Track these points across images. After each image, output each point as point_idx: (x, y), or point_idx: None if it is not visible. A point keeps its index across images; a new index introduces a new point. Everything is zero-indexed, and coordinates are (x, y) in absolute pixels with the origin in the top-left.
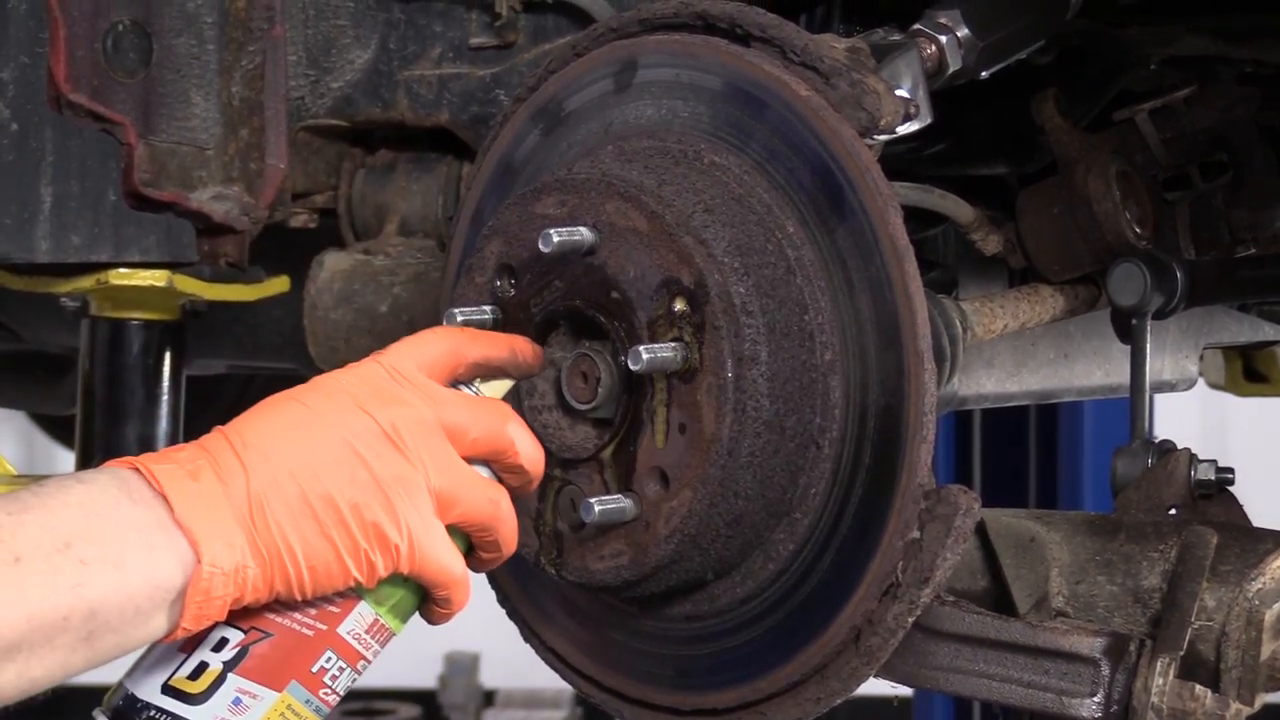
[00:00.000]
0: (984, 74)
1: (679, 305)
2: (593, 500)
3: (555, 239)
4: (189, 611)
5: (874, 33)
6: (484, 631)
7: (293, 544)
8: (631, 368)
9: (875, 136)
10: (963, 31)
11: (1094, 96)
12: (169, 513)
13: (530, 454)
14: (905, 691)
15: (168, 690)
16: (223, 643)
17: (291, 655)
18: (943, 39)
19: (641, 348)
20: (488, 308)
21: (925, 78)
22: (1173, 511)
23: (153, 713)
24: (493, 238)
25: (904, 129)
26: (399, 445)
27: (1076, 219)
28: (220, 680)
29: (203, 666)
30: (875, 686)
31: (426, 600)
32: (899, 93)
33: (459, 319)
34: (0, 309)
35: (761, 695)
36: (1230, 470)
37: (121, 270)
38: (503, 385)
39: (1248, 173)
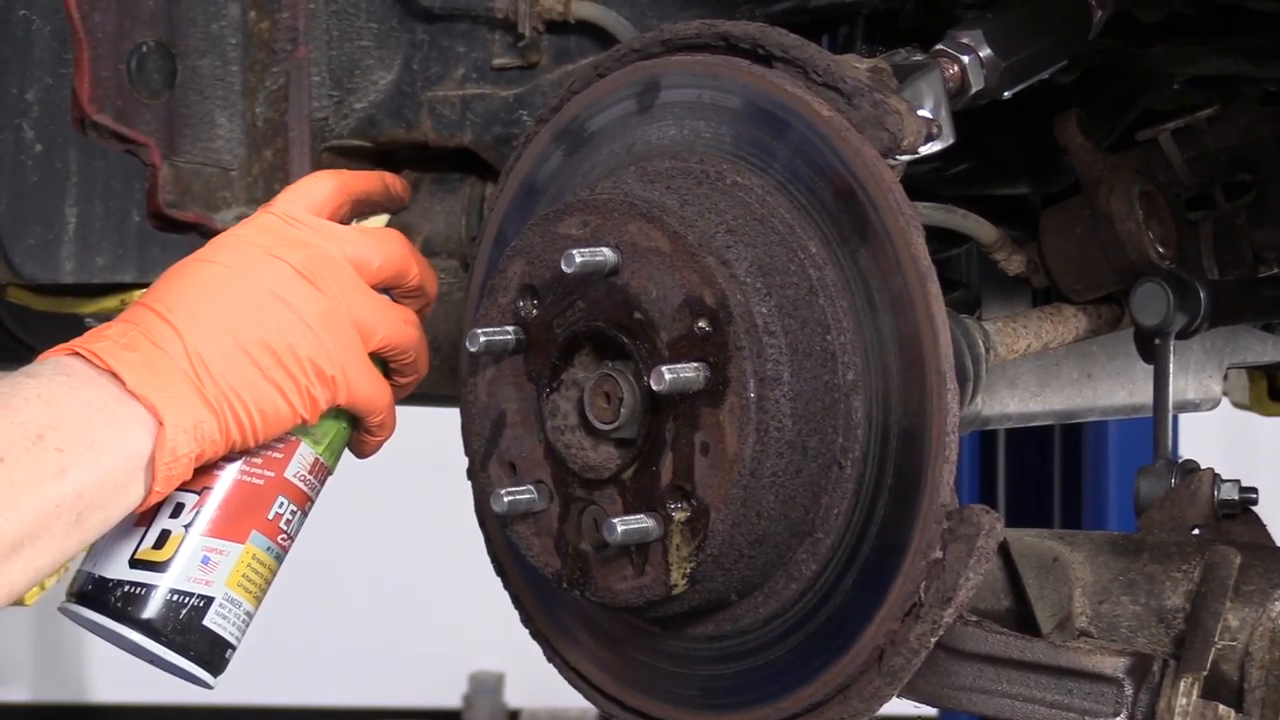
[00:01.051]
0: (1006, 94)
1: (701, 326)
2: (615, 520)
3: (578, 259)
4: (159, 474)
5: (896, 53)
6: (508, 651)
7: (240, 391)
8: (654, 388)
9: (897, 157)
10: (985, 52)
11: (1117, 116)
12: (120, 386)
13: (428, 274)
14: (928, 711)
15: (135, 564)
16: (179, 508)
17: (248, 506)
18: (965, 59)
19: (664, 368)
20: (510, 328)
21: (948, 98)
22: (1196, 531)
23: (126, 588)
24: (515, 258)
25: (926, 149)
26: (315, 283)
27: (1099, 239)
28: (186, 543)
29: (165, 534)
30: (898, 706)
31: (357, 432)
32: (921, 113)
33: (482, 340)
34: (25, 330)
35: (784, 715)
36: (1254, 490)
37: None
38: (380, 220)
39: (1271, 192)
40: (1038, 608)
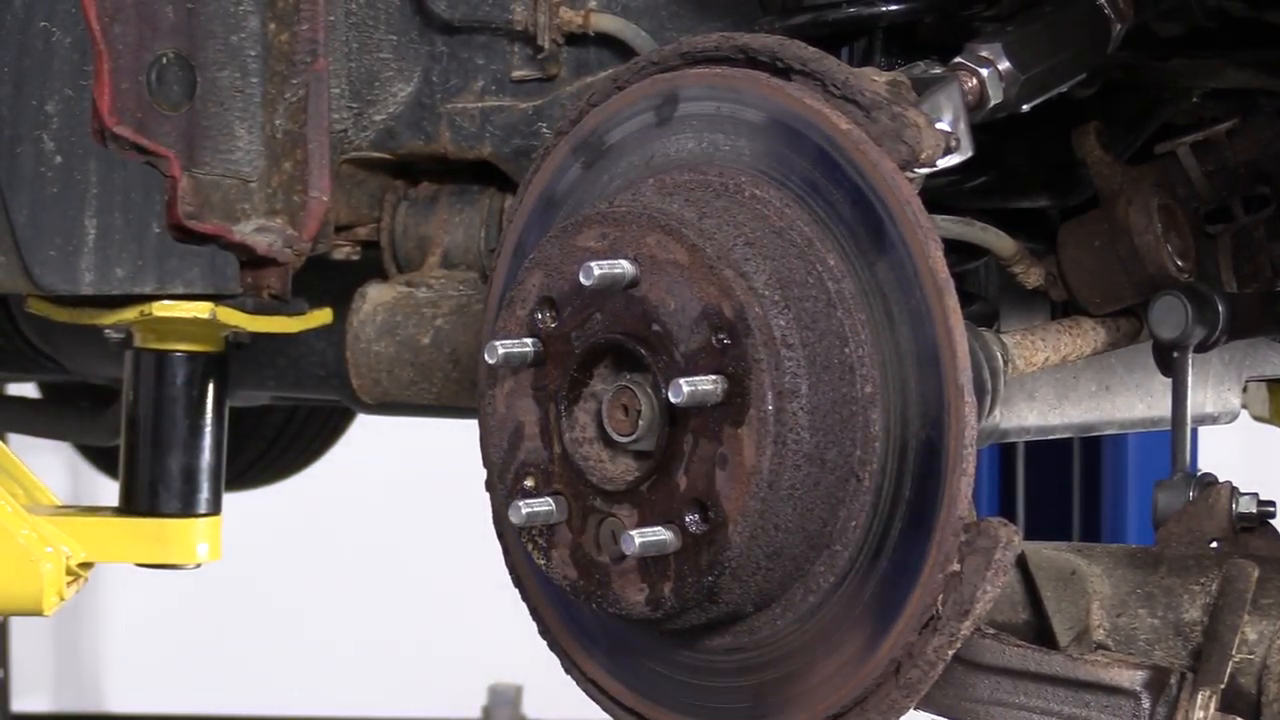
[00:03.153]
0: (1025, 107)
1: (720, 338)
2: (633, 533)
3: (596, 272)
4: None
5: (915, 66)
6: (527, 663)
7: None
8: (672, 400)
9: (916, 169)
10: (1004, 65)
11: (1135, 129)
12: None
13: None
14: None
15: None
16: None
17: None
18: (984, 72)
19: (682, 380)
20: (529, 340)
21: (966, 111)
22: (1214, 545)
23: None
24: (534, 270)
25: (944, 162)
26: None
27: (1118, 252)
28: None
29: None
30: (915, 718)
31: None
32: (940, 126)
33: (500, 352)
34: (45, 341)
35: None
36: (1272, 503)
37: (165, 302)
38: None
39: None
40: (1055, 620)
